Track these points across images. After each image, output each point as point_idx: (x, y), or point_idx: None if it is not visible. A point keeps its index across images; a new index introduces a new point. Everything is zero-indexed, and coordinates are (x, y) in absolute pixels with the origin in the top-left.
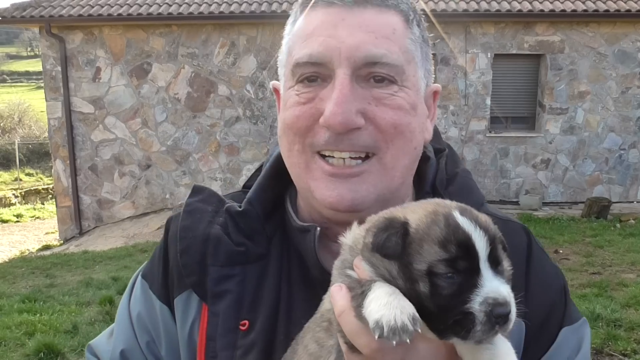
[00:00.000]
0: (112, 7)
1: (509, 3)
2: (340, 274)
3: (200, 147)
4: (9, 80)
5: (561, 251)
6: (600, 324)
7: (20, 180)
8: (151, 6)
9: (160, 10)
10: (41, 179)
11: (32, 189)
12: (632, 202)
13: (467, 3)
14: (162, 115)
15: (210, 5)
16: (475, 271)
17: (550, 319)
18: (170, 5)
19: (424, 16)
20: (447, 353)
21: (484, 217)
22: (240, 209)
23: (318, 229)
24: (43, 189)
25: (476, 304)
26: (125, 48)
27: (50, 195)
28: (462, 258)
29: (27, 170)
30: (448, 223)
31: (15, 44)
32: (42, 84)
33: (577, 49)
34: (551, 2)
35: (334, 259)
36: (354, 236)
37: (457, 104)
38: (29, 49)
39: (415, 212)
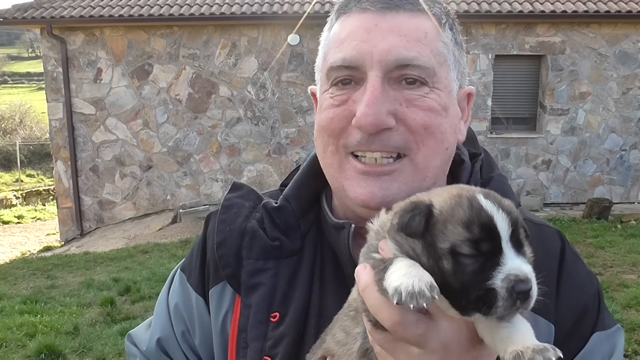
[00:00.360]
0: (114, 8)
1: (510, 4)
2: (366, 258)
3: (201, 148)
4: (10, 82)
5: None
6: None
7: (22, 181)
8: (152, 7)
9: (161, 12)
10: (42, 180)
11: (33, 190)
12: (633, 202)
13: (468, 4)
14: (163, 117)
15: (212, 6)
16: (498, 251)
17: (583, 323)
18: (172, 7)
19: (457, 20)
20: (468, 333)
21: (507, 201)
22: (276, 205)
23: (353, 226)
24: (44, 190)
25: (498, 280)
26: (126, 49)
27: (52, 197)
28: (484, 239)
29: (28, 172)
30: (471, 205)
31: (17, 45)
32: (43, 85)
33: (578, 50)
34: (552, 3)
35: None
36: (381, 221)
37: None
38: (30, 50)
39: (440, 196)
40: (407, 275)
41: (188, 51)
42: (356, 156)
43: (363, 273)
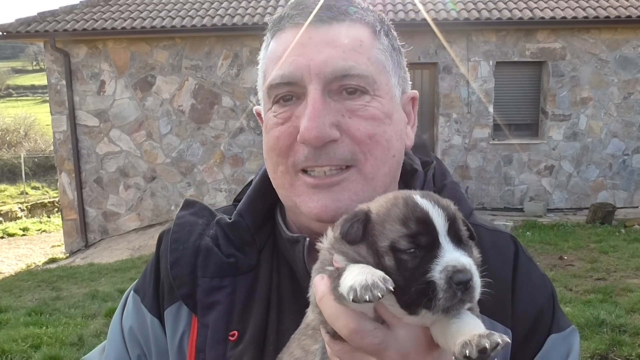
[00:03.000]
0: (116, 20)
1: (510, 11)
2: (319, 273)
3: (204, 158)
4: (15, 95)
5: (566, 257)
6: (605, 329)
7: (26, 193)
8: (155, 19)
9: (163, 24)
10: (47, 192)
11: (38, 202)
12: (637, 207)
13: (468, 12)
14: (167, 127)
15: (213, 17)
16: (436, 245)
17: (538, 326)
18: (174, 19)
19: (392, 26)
20: (425, 340)
21: (445, 200)
22: (230, 221)
23: (307, 239)
24: (49, 202)
25: (436, 272)
26: (129, 61)
27: (56, 209)
28: (422, 233)
29: (33, 184)
30: (407, 203)
31: (21, 58)
32: (47, 98)
33: (578, 56)
34: (552, 10)
35: None
36: (329, 238)
37: (460, 112)
38: (34, 63)
39: (377, 202)
40: (360, 274)
41: (190, 62)
42: (305, 171)
43: (320, 283)
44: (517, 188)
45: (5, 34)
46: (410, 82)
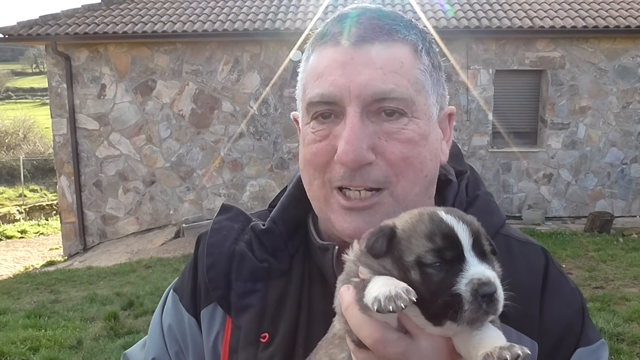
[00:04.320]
0: (117, 25)
1: (510, 19)
2: (346, 284)
3: (204, 163)
4: (14, 97)
5: (564, 266)
6: (603, 338)
7: (25, 196)
8: (156, 24)
9: (164, 28)
10: (45, 195)
11: (36, 205)
12: (635, 216)
13: (468, 20)
14: (167, 132)
15: (214, 23)
16: (461, 259)
17: (566, 338)
18: (175, 24)
19: (434, 41)
20: (447, 351)
21: (469, 216)
22: (264, 227)
23: (337, 247)
24: (47, 205)
25: (462, 285)
26: (130, 65)
27: (55, 211)
28: (447, 248)
29: (31, 187)
30: (432, 219)
31: (21, 61)
32: (47, 101)
33: (577, 65)
34: (551, 19)
35: None
36: (355, 251)
37: (459, 120)
38: (34, 65)
39: (402, 218)
40: (384, 285)
41: (191, 67)
42: (340, 190)
43: (346, 294)
44: (515, 196)
45: (7, 36)
46: (448, 97)
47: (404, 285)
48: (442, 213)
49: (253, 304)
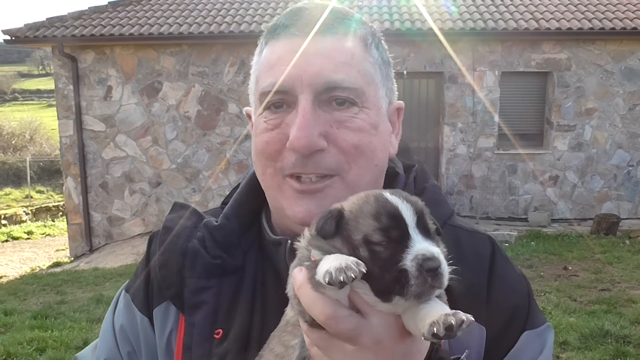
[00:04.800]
0: (124, 27)
1: (516, 21)
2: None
3: (210, 164)
4: (21, 99)
5: (570, 268)
6: (609, 340)
7: (31, 197)
8: (162, 26)
9: (171, 30)
10: (52, 196)
11: (42, 206)
12: None
13: (474, 22)
14: (173, 133)
15: (220, 25)
16: (406, 236)
17: (513, 322)
18: (181, 25)
19: (383, 38)
20: (398, 328)
21: (413, 197)
22: (217, 224)
23: (289, 241)
24: (54, 206)
25: (408, 261)
26: (136, 67)
27: (61, 213)
28: (392, 227)
29: (38, 188)
30: (378, 200)
31: (27, 63)
32: (53, 102)
33: (583, 67)
34: (557, 21)
35: None
36: (305, 238)
37: (465, 122)
38: (40, 67)
39: (349, 200)
40: (335, 260)
41: (197, 69)
42: (293, 176)
43: (298, 274)
44: (521, 198)
45: (14, 38)
46: (397, 93)
47: (354, 258)
48: (387, 194)
49: (207, 300)
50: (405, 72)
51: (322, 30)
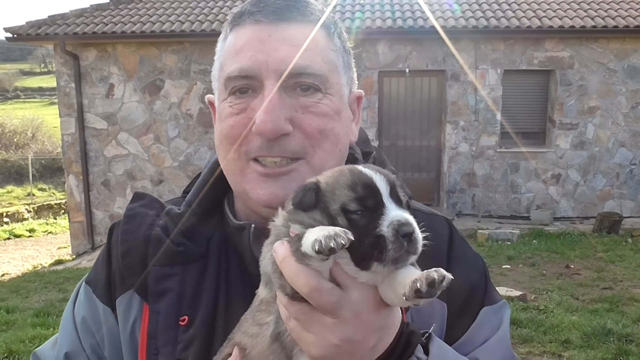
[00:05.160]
0: (126, 24)
1: (518, 19)
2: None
3: None
4: (23, 96)
5: (572, 266)
6: (611, 339)
7: (33, 195)
8: (164, 24)
9: (173, 28)
10: (54, 194)
11: (44, 204)
12: None
13: (477, 20)
14: (175, 131)
15: (222, 22)
16: (381, 205)
17: (472, 299)
18: (183, 23)
19: (344, 28)
20: (375, 301)
21: (384, 170)
22: (179, 211)
23: (253, 226)
24: (56, 204)
25: (384, 227)
26: (138, 65)
27: (63, 211)
28: (368, 196)
29: (40, 186)
30: (352, 172)
31: (29, 61)
32: (55, 100)
33: (586, 65)
34: (560, 19)
35: None
36: (281, 216)
37: (467, 120)
38: (42, 65)
39: (324, 174)
40: (322, 230)
41: (199, 67)
42: (256, 160)
43: (280, 248)
44: (523, 196)
45: (15, 36)
46: (357, 82)
47: (340, 228)
48: (360, 167)
49: (171, 287)
50: (407, 70)
51: (288, 18)
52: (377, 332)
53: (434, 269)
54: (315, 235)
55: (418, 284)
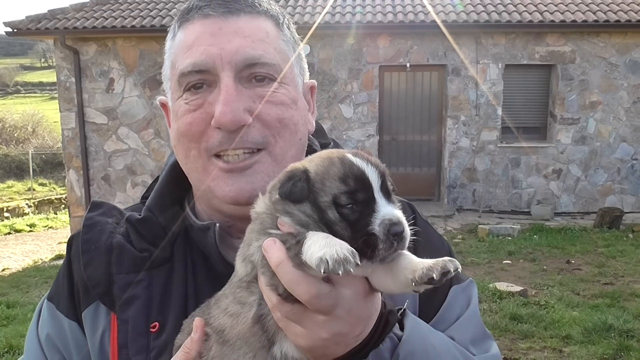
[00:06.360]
0: (126, 19)
1: (520, 14)
2: (261, 234)
3: None
4: (23, 91)
5: (573, 261)
6: (612, 334)
7: (34, 190)
8: (164, 18)
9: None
10: (54, 189)
11: (45, 199)
12: None
13: (478, 14)
14: None
15: None
16: (372, 200)
17: None
18: None
19: (292, 19)
20: (363, 292)
21: (373, 158)
22: (140, 217)
23: (217, 224)
24: (56, 199)
25: (376, 225)
26: (138, 59)
27: (63, 205)
28: (359, 190)
29: (40, 181)
30: (343, 162)
31: (30, 55)
32: (56, 95)
33: (588, 59)
34: (562, 13)
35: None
36: (262, 203)
37: (468, 115)
38: (42, 60)
39: (312, 161)
40: (328, 245)
41: None
42: (218, 156)
43: (274, 248)
44: (524, 191)
45: (15, 30)
46: (308, 72)
47: (348, 246)
48: (350, 156)
49: (138, 294)
50: (408, 65)
51: (236, 10)
52: (363, 321)
53: (447, 258)
54: (321, 251)
55: (434, 273)
